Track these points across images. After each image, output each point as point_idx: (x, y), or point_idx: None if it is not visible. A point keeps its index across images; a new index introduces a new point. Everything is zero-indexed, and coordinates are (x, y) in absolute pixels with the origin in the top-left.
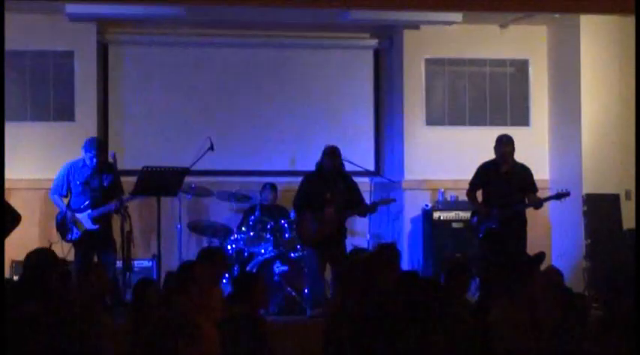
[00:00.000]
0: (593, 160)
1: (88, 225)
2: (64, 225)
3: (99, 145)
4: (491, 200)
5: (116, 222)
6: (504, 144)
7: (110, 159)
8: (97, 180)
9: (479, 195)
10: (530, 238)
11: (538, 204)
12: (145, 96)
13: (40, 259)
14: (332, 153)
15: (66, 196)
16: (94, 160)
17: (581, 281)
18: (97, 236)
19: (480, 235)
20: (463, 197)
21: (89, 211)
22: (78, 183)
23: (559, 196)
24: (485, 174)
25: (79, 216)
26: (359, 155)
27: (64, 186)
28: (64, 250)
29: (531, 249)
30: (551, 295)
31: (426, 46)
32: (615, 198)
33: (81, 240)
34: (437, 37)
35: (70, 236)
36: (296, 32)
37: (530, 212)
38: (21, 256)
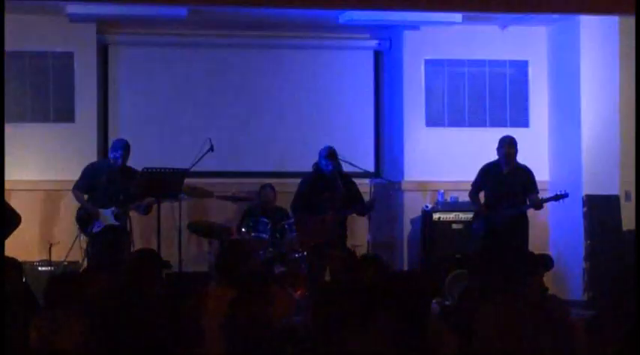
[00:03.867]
0: (593, 161)
1: (111, 220)
2: (86, 217)
3: (126, 146)
4: (492, 201)
5: None
6: (507, 146)
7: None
8: (122, 180)
9: (481, 196)
10: (530, 239)
11: (538, 205)
12: (144, 97)
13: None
14: (330, 155)
15: (87, 193)
16: (120, 161)
17: (581, 282)
18: (117, 233)
19: (481, 235)
20: (463, 198)
21: (113, 208)
22: (104, 181)
23: (557, 197)
24: (486, 175)
25: (101, 211)
26: (359, 156)
27: (88, 184)
28: (65, 251)
29: (531, 250)
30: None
31: (426, 46)
32: (615, 198)
33: (101, 233)
34: (437, 38)
35: (91, 228)
36: (296, 32)
37: (529, 213)
38: (21, 257)
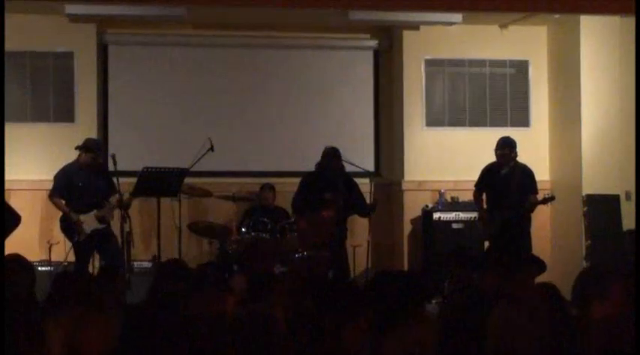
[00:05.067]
0: (593, 161)
1: (94, 225)
2: (70, 227)
3: (100, 146)
4: (492, 202)
5: (116, 223)
6: (501, 147)
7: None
8: (97, 181)
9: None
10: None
11: (530, 208)
12: (145, 97)
13: None
14: (332, 155)
15: (65, 198)
16: (97, 160)
17: None
18: (101, 235)
19: (482, 236)
20: (463, 198)
21: (94, 211)
22: (79, 184)
23: (545, 201)
24: (486, 176)
25: (83, 217)
26: (359, 156)
27: (65, 188)
28: (66, 250)
29: (533, 250)
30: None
31: (426, 46)
32: (615, 198)
33: (86, 241)
34: (437, 38)
35: (76, 237)
36: (296, 32)
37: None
38: None
